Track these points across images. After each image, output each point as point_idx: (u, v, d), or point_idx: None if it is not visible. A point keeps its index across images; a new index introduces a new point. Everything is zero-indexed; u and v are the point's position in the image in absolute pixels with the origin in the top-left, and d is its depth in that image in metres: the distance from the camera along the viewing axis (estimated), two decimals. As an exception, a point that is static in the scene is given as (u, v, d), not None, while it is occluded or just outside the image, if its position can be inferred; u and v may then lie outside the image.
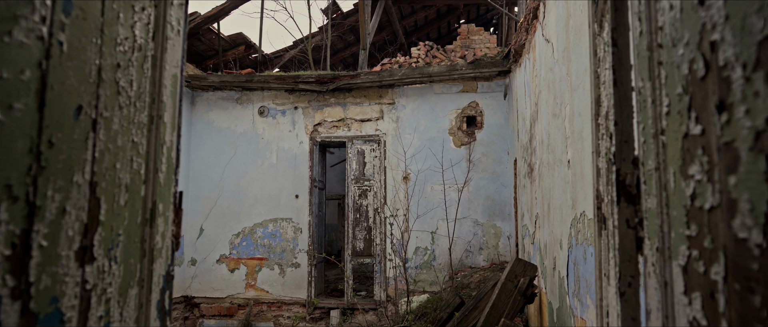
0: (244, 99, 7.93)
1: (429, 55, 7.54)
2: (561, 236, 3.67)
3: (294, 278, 7.50)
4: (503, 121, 7.22)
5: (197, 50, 8.54)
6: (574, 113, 3.24)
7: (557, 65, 3.80)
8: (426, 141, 7.32)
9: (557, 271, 3.80)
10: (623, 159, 1.09)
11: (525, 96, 5.53)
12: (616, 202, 1.09)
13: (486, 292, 4.88)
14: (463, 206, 6.89)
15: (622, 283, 1.08)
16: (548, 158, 4.15)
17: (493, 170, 7.15)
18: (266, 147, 7.78)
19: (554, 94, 3.90)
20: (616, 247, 1.10)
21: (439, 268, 7.08)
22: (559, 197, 3.74)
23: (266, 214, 7.66)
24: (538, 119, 4.64)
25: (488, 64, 7.00)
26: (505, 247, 6.98)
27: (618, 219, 1.08)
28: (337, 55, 11.11)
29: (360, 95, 7.63)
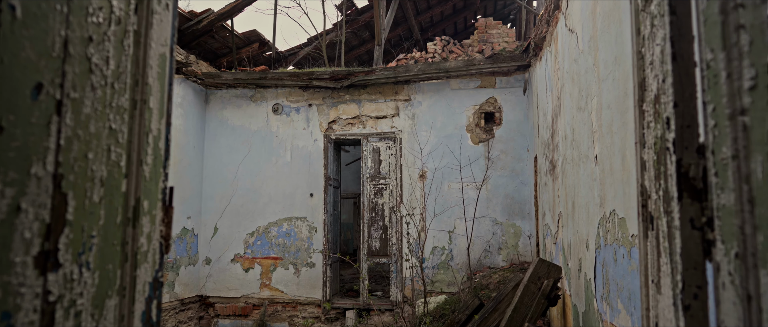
0: (258, 96, 7.84)
1: (445, 50, 7.36)
2: (587, 236, 3.48)
3: (309, 278, 7.39)
4: (522, 117, 7.01)
5: (211, 48, 8.47)
6: (602, 105, 3.05)
7: (582, 56, 3.61)
8: (443, 138, 7.14)
9: (583, 273, 3.61)
10: (685, 147, 0.92)
11: (546, 90, 5.33)
12: (677, 198, 0.92)
13: (506, 293, 4.70)
14: (481, 205, 6.70)
15: (687, 294, 0.91)
16: (572, 154, 3.95)
17: (513, 168, 6.94)
18: (280, 145, 7.68)
19: (579, 86, 3.70)
20: (678, 252, 0.93)
21: (456, 268, 6.91)
22: (584, 195, 3.55)
23: (281, 213, 7.56)
24: (561, 114, 4.44)
25: (507, 59, 6.80)
26: (526, 247, 6.77)
27: (680, 218, 0.92)
28: (352, 52, 10.97)
29: (375, 92, 7.49)
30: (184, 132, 7.33)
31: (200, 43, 8.18)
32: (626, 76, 2.56)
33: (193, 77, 7.43)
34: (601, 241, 3.11)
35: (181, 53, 7.32)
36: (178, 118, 7.20)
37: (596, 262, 3.23)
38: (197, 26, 7.62)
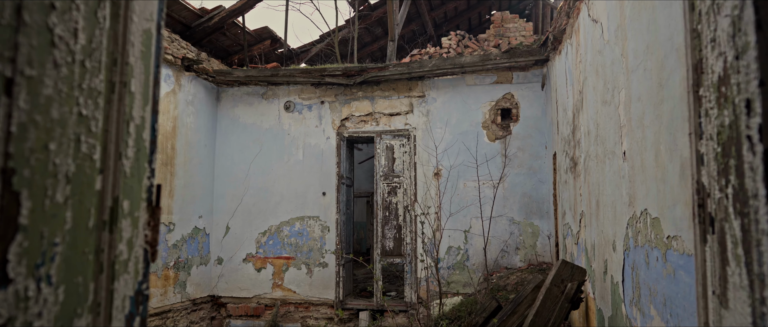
0: (270, 94, 7.74)
1: (461, 45, 7.18)
2: (614, 237, 3.30)
3: (321, 278, 7.27)
4: (540, 113, 6.81)
5: (222, 46, 8.39)
6: (631, 98, 2.87)
7: (608, 47, 3.42)
8: (458, 135, 6.97)
9: (609, 276, 3.42)
10: (774, 134, 0.76)
11: (566, 85, 5.13)
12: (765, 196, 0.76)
13: (525, 295, 4.52)
14: (498, 203, 6.52)
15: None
16: (596, 150, 3.76)
17: (530, 165, 6.75)
18: (292, 143, 7.57)
19: (604, 79, 3.52)
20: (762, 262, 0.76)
21: (472, 268, 6.73)
22: (610, 193, 3.36)
23: (293, 212, 7.45)
24: (583, 108, 4.25)
25: (524, 53, 6.60)
26: (544, 247, 6.58)
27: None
28: (365, 49, 10.83)
29: (388, 88, 7.33)
30: (195, 130, 7.25)
31: (211, 41, 8.10)
32: (660, 65, 2.38)
33: (204, 75, 7.34)
34: (630, 242, 2.93)
35: (192, 51, 7.24)
36: (189, 116, 7.12)
37: (624, 265, 3.04)
38: (208, 23, 7.54)
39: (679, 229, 2.16)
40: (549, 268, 6.25)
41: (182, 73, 6.97)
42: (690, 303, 2.06)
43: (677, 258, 2.19)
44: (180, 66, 6.88)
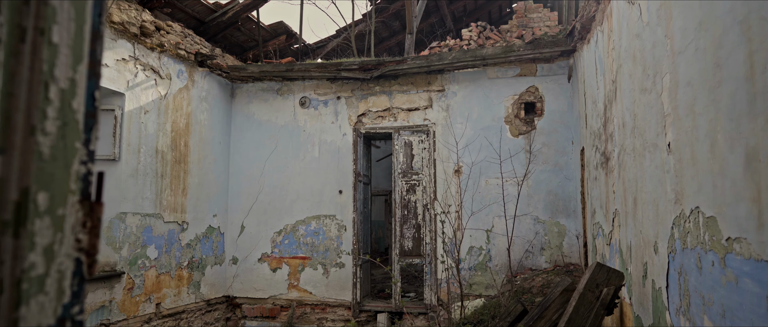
0: (285, 90, 7.55)
1: (482, 37, 6.89)
2: (655, 238, 3.00)
3: (338, 279, 7.06)
4: (566, 106, 6.48)
5: (237, 41, 8.23)
6: (678, 83, 2.57)
7: (648, 29, 3.12)
8: (479, 131, 6.68)
9: (650, 281, 3.12)
10: None
11: (596, 75, 4.81)
12: None
13: (553, 299, 4.23)
14: (522, 202, 6.22)
15: None
16: (633, 143, 3.46)
17: (556, 162, 6.43)
18: (308, 140, 7.36)
19: (643, 64, 3.21)
20: None
21: (495, 269, 6.45)
22: (651, 190, 3.06)
23: (309, 211, 7.25)
24: (617, 99, 3.94)
25: (549, 44, 6.28)
26: (571, 248, 6.26)
27: None
28: (382, 44, 10.58)
29: (407, 82, 7.08)
30: (209, 127, 7.09)
31: (226, 36, 7.95)
32: (717, 43, 2.09)
33: (218, 70, 7.18)
34: (676, 243, 2.63)
35: (206, 46, 7.09)
36: (203, 112, 6.97)
37: (669, 269, 2.75)
38: (222, 18, 7.38)
39: (743, 230, 1.87)
40: (577, 270, 5.94)
41: (195, 69, 6.82)
42: (759, 316, 1.77)
43: (740, 263, 1.90)
44: (193, 61, 6.72)
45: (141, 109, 5.82)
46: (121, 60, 5.54)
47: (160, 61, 6.15)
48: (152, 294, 5.93)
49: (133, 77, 5.71)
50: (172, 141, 6.32)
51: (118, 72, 5.48)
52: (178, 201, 6.41)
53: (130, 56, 5.67)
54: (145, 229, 5.83)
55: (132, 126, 5.69)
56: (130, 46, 5.66)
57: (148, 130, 5.92)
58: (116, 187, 5.48)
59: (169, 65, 6.30)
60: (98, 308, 5.17)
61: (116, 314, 5.40)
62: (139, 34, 5.80)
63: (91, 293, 5.07)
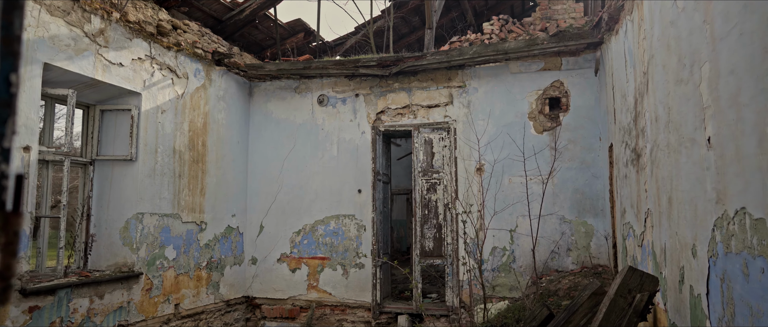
0: (303, 88, 7.45)
1: (504, 31, 6.66)
2: (693, 240, 2.77)
3: (358, 280, 6.93)
4: (593, 101, 6.22)
5: (255, 40, 8.17)
6: (720, 72, 2.35)
7: (684, 15, 2.89)
8: (502, 127, 6.46)
9: (687, 286, 2.90)
10: None
11: (625, 67, 4.56)
12: None
13: (581, 303, 4.01)
14: (547, 201, 5.98)
15: None
16: (668, 139, 3.23)
17: (582, 159, 6.18)
18: (326, 138, 7.25)
19: (678, 54, 2.98)
20: None
21: (519, 271, 6.23)
22: (689, 188, 2.84)
23: (327, 211, 7.14)
24: (649, 91, 3.70)
25: (575, 36, 6.03)
26: (599, 249, 6.00)
27: None
28: (402, 40, 10.41)
29: (426, 79, 6.90)
30: (227, 126, 7.04)
31: (244, 35, 7.89)
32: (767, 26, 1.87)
33: (236, 69, 7.12)
34: (718, 247, 2.41)
35: (224, 45, 7.03)
36: (221, 111, 6.91)
37: (710, 275, 2.53)
38: (239, 16, 7.31)
39: (800, 235, 1.66)
40: (606, 272, 5.68)
41: (213, 68, 6.76)
42: (820, 332, 1.56)
43: (797, 271, 1.69)
44: (210, 60, 6.67)
45: (158, 109, 5.78)
46: (137, 59, 5.50)
47: (177, 60, 6.10)
48: (171, 294, 5.89)
49: (150, 77, 5.67)
50: (189, 141, 6.28)
51: (134, 71, 5.44)
52: (196, 201, 6.36)
53: (147, 55, 5.63)
54: (163, 229, 5.80)
55: (149, 126, 5.65)
56: (146, 45, 5.62)
57: (165, 129, 5.88)
58: (133, 188, 5.45)
59: (186, 64, 6.26)
60: (116, 309, 5.14)
61: (134, 315, 5.37)
62: (156, 34, 5.76)
63: (108, 294, 5.04)
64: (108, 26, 5.12)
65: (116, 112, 5.58)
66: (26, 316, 4.22)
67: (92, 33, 4.93)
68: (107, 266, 5.36)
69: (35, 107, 4.35)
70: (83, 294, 4.78)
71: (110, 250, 5.39)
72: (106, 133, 5.61)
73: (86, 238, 5.40)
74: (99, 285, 4.95)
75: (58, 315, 4.51)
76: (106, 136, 5.60)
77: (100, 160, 5.53)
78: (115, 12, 5.20)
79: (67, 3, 4.66)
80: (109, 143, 5.58)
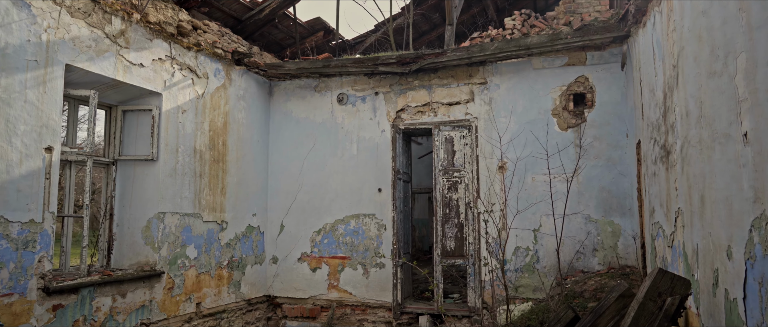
0: (322, 86, 7.41)
1: (526, 25, 6.51)
2: (728, 241, 2.62)
3: (378, 279, 6.87)
4: (620, 97, 6.03)
5: (275, 39, 8.17)
6: (758, 62, 2.21)
7: (716, 4, 2.74)
8: (525, 124, 6.32)
9: (722, 290, 2.75)
10: None
11: (654, 61, 4.39)
12: None
13: (607, 305, 3.86)
14: (572, 199, 5.82)
15: None
16: (699, 134, 3.07)
17: (609, 156, 5.99)
18: (346, 137, 7.20)
19: (711, 45, 2.83)
20: None
21: (543, 271, 6.08)
22: (723, 187, 2.69)
23: (347, 210, 7.09)
24: (679, 85, 3.54)
25: (600, 30, 5.85)
26: (627, 249, 5.81)
27: None
28: (422, 37, 10.31)
29: (447, 76, 6.79)
30: (247, 126, 7.05)
31: (263, 34, 7.90)
32: (811, 11, 1.74)
33: (255, 68, 7.12)
34: (756, 249, 2.27)
35: (244, 45, 7.04)
36: (241, 111, 6.92)
37: (747, 278, 2.38)
38: (259, 16, 7.32)
39: None
40: (633, 273, 5.50)
41: (232, 68, 6.78)
42: None
43: None
44: (230, 60, 6.68)
45: (178, 109, 5.81)
46: (158, 60, 5.53)
47: (197, 60, 6.13)
48: (192, 293, 5.92)
49: (170, 77, 5.70)
50: (210, 140, 6.30)
51: (154, 72, 5.48)
52: (217, 200, 6.39)
53: (167, 56, 5.66)
54: (184, 228, 5.83)
55: (169, 126, 5.68)
56: (166, 46, 5.65)
57: (185, 129, 5.91)
58: (154, 187, 5.49)
59: (206, 64, 6.28)
60: (138, 308, 5.18)
61: (156, 314, 5.41)
62: (176, 34, 5.79)
63: (130, 293, 5.08)
64: (128, 27, 5.16)
65: (138, 112, 5.63)
66: (50, 314, 4.28)
67: (113, 34, 4.97)
68: (129, 265, 5.41)
69: (57, 108, 4.40)
70: (106, 292, 4.83)
71: (132, 249, 5.44)
72: (128, 134, 5.66)
73: (109, 237, 5.46)
74: (121, 284, 4.99)
75: (81, 313, 4.56)
76: (128, 137, 5.66)
77: (123, 160, 5.58)
78: (136, 13, 5.23)
79: (87, 4, 4.71)
80: (131, 143, 5.63)
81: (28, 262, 4.09)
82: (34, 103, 4.19)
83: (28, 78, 4.15)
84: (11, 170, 3.99)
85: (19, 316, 4.01)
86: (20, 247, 4.04)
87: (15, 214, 4.00)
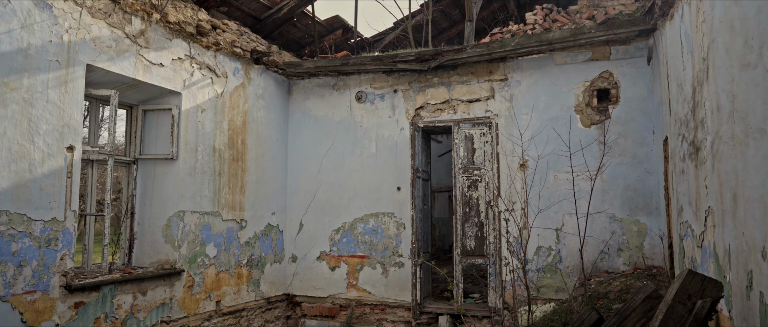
0: (341, 85, 7.38)
1: (547, 20, 6.37)
2: (764, 242, 2.49)
3: (397, 279, 6.81)
4: (646, 92, 5.85)
5: (294, 38, 8.17)
6: (796, 52, 2.08)
7: (750, -9, 2.60)
8: (546, 121, 6.18)
9: (756, 293, 2.62)
10: None
11: (682, 54, 4.23)
12: None
13: (633, 307, 3.73)
14: (595, 198, 5.67)
15: None
16: (732, 130, 2.93)
17: (634, 154, 5.82)
18: (365, 135, 7.16)
19: (745, 35, 2.70)
20: None
21: (566, 272, 5.94)
22: (758, 184, 2.56)
23: (366, 209, 7.05)
24: (709, 79, 3.40)
25: (625, 23, 5.68)
26: (653, 249, 5.64)
27: None
28: (442, 35, 10.19)
29: (466, 72, 6.69)
30: (266, 124, 7.06)
31: (282, 33, 7.90)
32: None
33: (274, 67, 7.12)
34: (794, 250, 2.14)
35: (263, 44, 7.05)
36: (260, 110, 6.93)
37: (784, 280, 2.25)
38: (278, 14, 7.32)
39: None
40: (660, 274, 5.33)
41: (251, 67, 6.79)
42: None
43: None
44: (249, 59, 6.69)
45: (198, 108, 5.84)
46: (177, 59, 5.56)
47: (216, 59, 6.15)
48: (212, 292, 5.95)
49: (190, 76, 5.73)
50: (229, 139, 6.32)
51: (174, 71, 5.51)
52: (236, 199, 6.40)
53: (186, 55, 5.69)
54: (203, 227, 5.85)
55: (189, 125, 5.71)
56: (185, 45, 5.68)
57: (205, 128, 5.94)
58: (174, 186, 5.52)
59: (225, 63, 6.30)
60: (159, 306, 5.22)
61: (177, 312, 5.45)
62: (195, 34, 5.81)
63: (151, 291, 5.12)
64: (148, 27, 5.19)
65: (158, 111, 5.67)
66: (72, 311, 4.33)
67: (133, 34, 5.00)
68: (150, 263, 5.45)
69: (78, 107, 4.45)
70: (127, 290, 4.87)
71: (153, 247, 5.49)
72: (148, 133, 5.71)
73: (130, 235, 5.52)
74: (142, 282, 5.03)
75: (102, 311, 4.61)
76: (148, 136, 5.70)
77: (143, 160, 5.63)
78: (155, 13, 5.27)
79: (108, 5, 4.75)
80: (151, 143, 5.68)
81: (50, 260, 4.14)
82: (55, 103, 4.24)
83: (50, 78, 4.20)
84: (34, 169, 4.04)
85: (41, 313, 4.07)
86: (43, 245, 4.09)
87: (38, 213, 4.05)
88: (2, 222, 3.80)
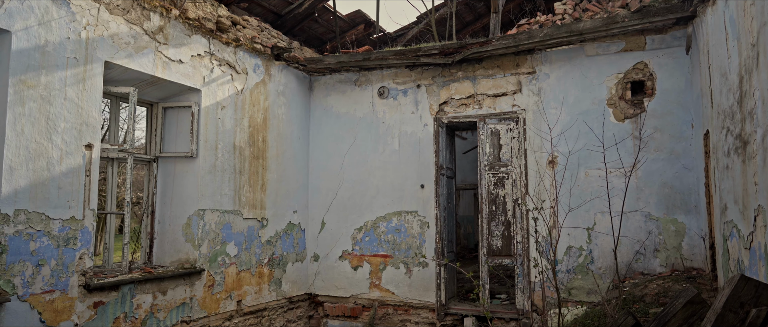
0: (363, 80, 7.23)
1: (578, 10, 6.08)
2: (829, 245, 2.23)
3: (421, 279, 6.63)
4: (684, 84, 5.53)
5: (315, 34, 8.05)
6: None
7: (812, -34, 2.33)
8: (577, 115, 5.91)
9: (820, 301, 2.35)
10: None
11: (726, 42, 3.93)
12: None
13: (673, 313, 3.48)
14: (630, 196, 5.38)
15: None
16: (788, 121, 2.66)
17: (671, 149, 5.51)
18: (387, 131, 6.99)
19: (805, 15, 2.43)
20: None
21: (598, 273, 5.67)
22: (821, 181, 2.29)
23: (389, 207, 6.88)
24: (759, 67, 3.11)
25: (661, 11, 5.37)
26: (693, 250, 5.32)
27: None
28: (466, 28, 9.94)
29: (492, 66, 6.46)
30: (287, 121, 6.95)
31: (303, 29, 7.79)
32: None
33: (295, 63, 7.01)
34: None
35: (284, 40, 6.94)
36: (281, 106, 6.83)
37: None
38: (298, 10, 7.20)
39: None
40: (701, 276, 5.02)
41: (272, 63, 6.69)
42: None
43: None
44: (269, 55, 6.59)
45: (217, 105, 5.76)
46: (197, 56, 5.49)
47: (236, 55, 6.06)
48: (233, 291, 5.87)
49: (209, 73, 5.65)
50: (249, 136, 6.24)
51: (193, 68, 5.44)
52: (257, 197, 6.32)
53: (206, 52, 5.61)
54: (224, 225, 5.78)
55: (209, 122, 5.64)
56: (205, 42, 5.60)
57: (225, 125, 5.86)
58: (194, 184, 5.46)
59: (245, 60, 6.21)
60: (179, 305, 5.16)
61: (197, 311, 5.38)
62: (215, 30, 5.73)
63: (171, 290, 5.06)
64: (167, 23, 5.13)
65: (177, 109, 5.61)
66: (91, 311, 4.28)
67: (152, 30, 4.94)
68: (170, 262, 5.40)
69: (96, 105, 4.40)
70: (146, 290, 4.82)
71: (173, 246, 5.43)
72: (168, 131, 5.66)
73: (150, 234, 5.48)
74: (162, 281, 4.98)
75: (122, 311, 4.56)
76: (168, 134, 5.65)
77: (163, 157, 5.58)
78: (175, 9, 5.20)
79: (126, 1, 4.69)
80: (171, 140, 5.63)
81: (69, 259, 4.10)
82: (74, 100, 4.19)
83: (68, 75, 4.16)
84: (52, 168, 4.00)
85: (60, 312, 4.03)
86: (61, 244, 4.05)
87: (56, 212, 4.01)
88: (20, 221, 3.77)
